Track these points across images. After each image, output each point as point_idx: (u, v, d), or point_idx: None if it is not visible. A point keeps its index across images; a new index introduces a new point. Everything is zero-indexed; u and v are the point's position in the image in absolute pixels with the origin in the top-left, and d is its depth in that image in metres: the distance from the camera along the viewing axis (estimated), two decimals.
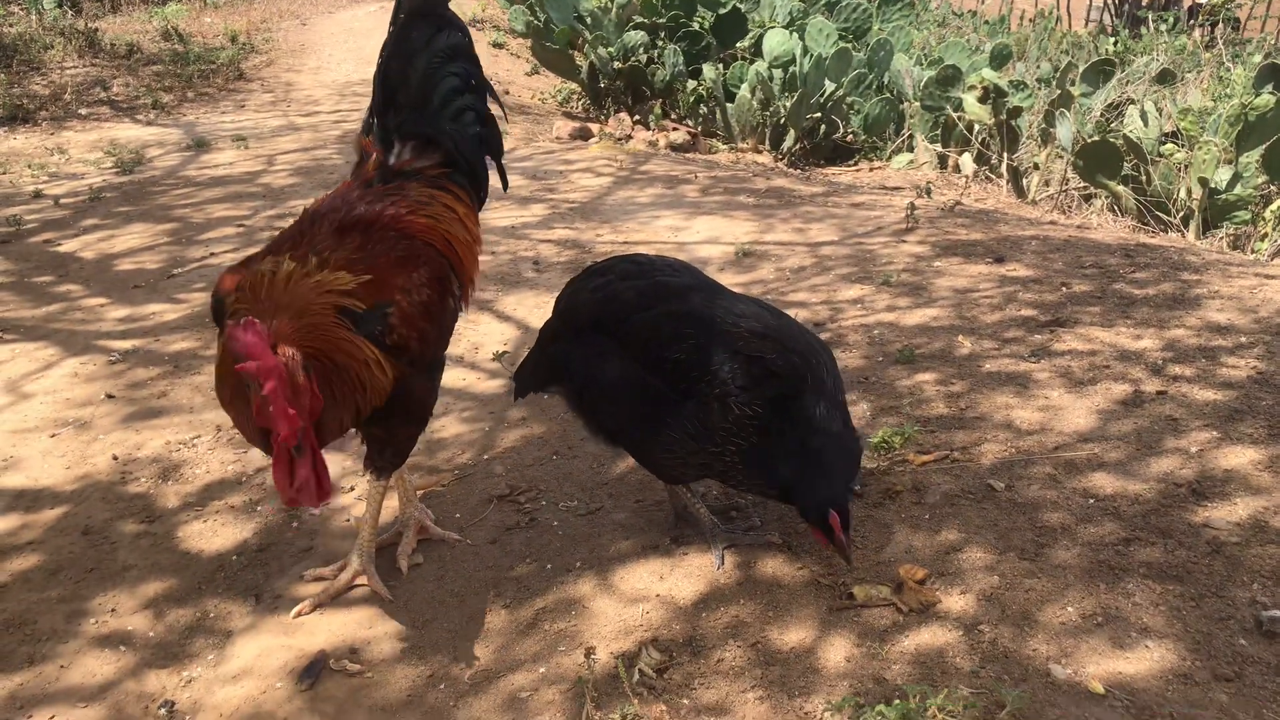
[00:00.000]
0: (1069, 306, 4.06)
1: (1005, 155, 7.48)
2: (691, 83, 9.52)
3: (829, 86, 8.58)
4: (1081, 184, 6.93)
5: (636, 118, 9.46)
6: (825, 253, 5.00)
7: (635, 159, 7.36)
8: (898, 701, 2.02)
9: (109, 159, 7.23)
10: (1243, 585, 2.36)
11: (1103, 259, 4.66)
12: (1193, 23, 14.74)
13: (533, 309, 4.37)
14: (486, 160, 2.74)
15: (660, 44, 9.92)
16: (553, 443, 3.29)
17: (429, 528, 2.80)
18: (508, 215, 5.78)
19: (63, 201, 6.25)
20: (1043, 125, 7.62)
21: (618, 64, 9.74)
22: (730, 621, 2.38)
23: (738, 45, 10.14)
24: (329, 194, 2.55)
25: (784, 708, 2.11)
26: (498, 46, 11.84)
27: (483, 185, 2.74)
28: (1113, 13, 15.84)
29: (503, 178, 2.85)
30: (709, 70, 9.15)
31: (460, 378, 3.79)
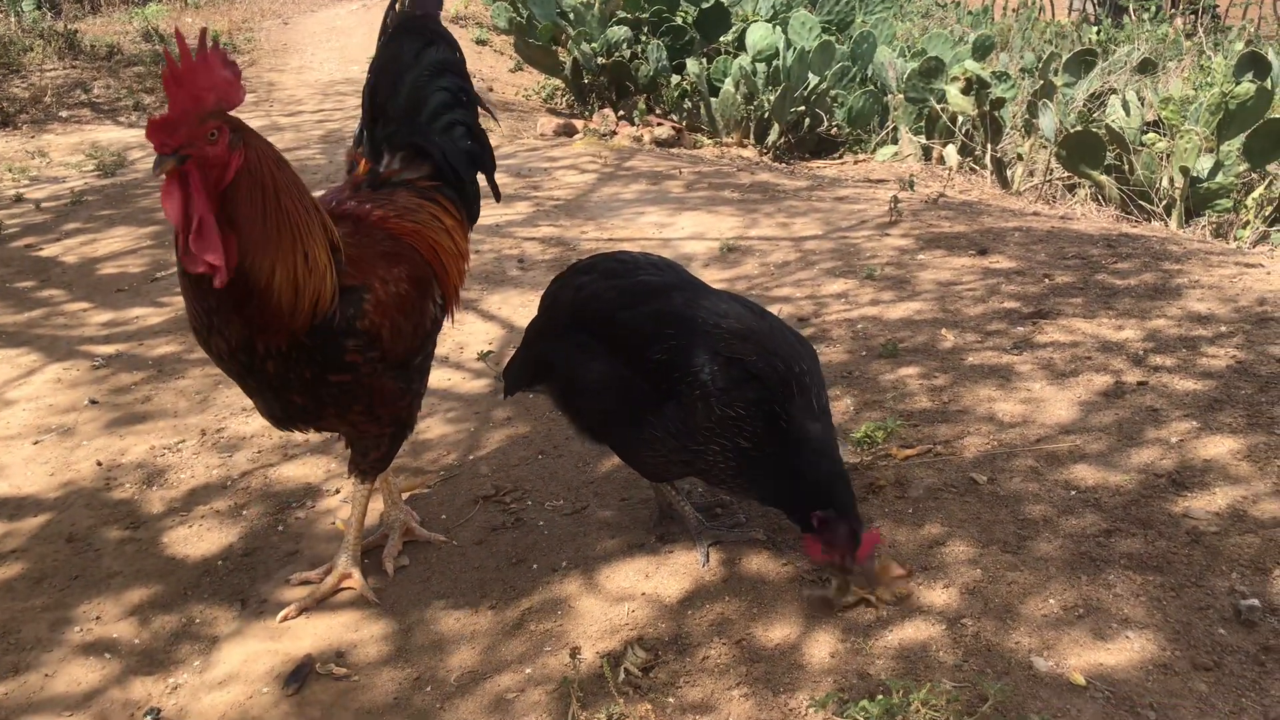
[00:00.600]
0: (1051, 298, 4.08)
1: (989, 146, 7.51)
2: (675, 78, 9.52)
3: (813, 80, 8.59)
4: (1065, 174, 6.95)
5: (621, 113, 9.44)
6: (809, 247, 5.01)
7: (620, 155, 7.35)
8: (881, 697, 2.04)
9: (90, 162, 7.19)
10: (1221, 575, 2.38)
11: (1085, 250, 4.68)
12: (1174, 11, 14.80)
13: (518, 308, 4.37)
14: (478, 177, 2.73)
15: (644, 39, 9.91)
16: (538, 442, 3.29)
17: (415, 530, 2.80)
18: (492, 213, 5.75)
19: (44, 205, 6.21)
20: (1026, 116, 7.64)
21: (601, 60, 9.72)
22: (715, 619, 2.39)
23: (721, 39, 10.15)
24: (319, 194, 2.55)
25: (769, 704, 2.12)
26: (481, 43, 11.81)
27: (473, 202, 2.73)
28: (1095, 1, 15.90)
29: (495, 191, 2.85)
30: (693, 65, 9.14)
31: (445, 378, 3.78)
